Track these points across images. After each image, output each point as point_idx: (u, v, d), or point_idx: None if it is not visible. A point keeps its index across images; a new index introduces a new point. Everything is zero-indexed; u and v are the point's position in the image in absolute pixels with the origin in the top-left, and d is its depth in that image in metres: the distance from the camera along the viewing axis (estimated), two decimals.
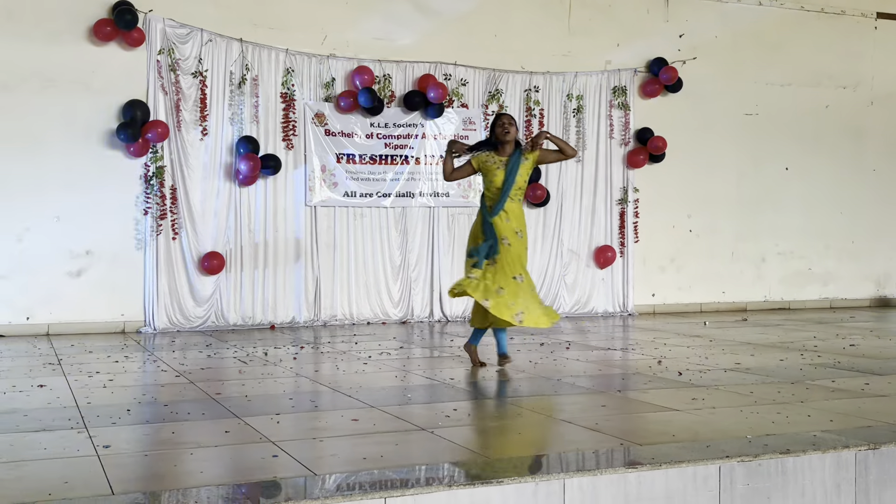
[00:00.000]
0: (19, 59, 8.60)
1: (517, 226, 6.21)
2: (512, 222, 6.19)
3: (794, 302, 11.87)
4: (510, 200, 6.19)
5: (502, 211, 6.16)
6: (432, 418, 4.56)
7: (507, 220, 6.18)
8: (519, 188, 6.26)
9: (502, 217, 6.17)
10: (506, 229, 6.16)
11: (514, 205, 6.22)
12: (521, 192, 6.30)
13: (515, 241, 6.19)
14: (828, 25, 11.97)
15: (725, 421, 4.46)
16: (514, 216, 6.21)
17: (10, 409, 4.86)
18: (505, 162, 6.25)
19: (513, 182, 6.17)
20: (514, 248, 6.19)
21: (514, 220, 6.21)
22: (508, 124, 6.24)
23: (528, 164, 6.27)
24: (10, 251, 8.61)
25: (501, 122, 6.26)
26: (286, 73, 9.48)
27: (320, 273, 9.62)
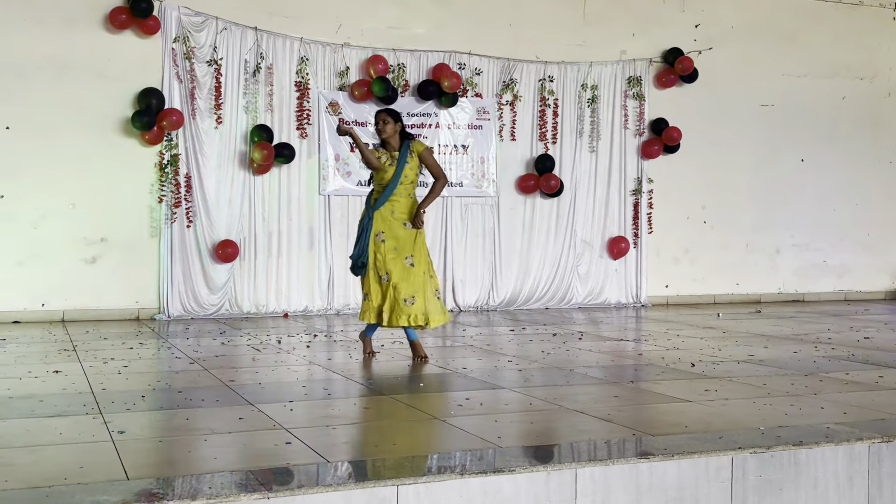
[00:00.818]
0: (35, 46, 8.63)
1: (404, 217, 6.13)
2: (397, 216, 6.13)
3: (808, 294, 11.82)
4: (397, 194, 6.11)
5: (388, 203, 6.11)
6: (445, 407, 4.58)
7: (392, 213, 6.12)
8: (410, 182, 6.18)
9: (387, 208, 6.11)
10: (386, 223, 6.10)
11: (402, 199, 6.14)
12: (412, 186, 6.21)
13: (401, 232, 6.11)
14: (845, 16, 11.88)
15: (738, 412, 4.45)
16: (399, 209, 6.14)
17: (26, 394, 4.90)
18: (395, 157, 6.17)
19: (399, 175, 6.10)
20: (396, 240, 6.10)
21: (400, 211, 6.13)
22: (383, 122, 6.14)
23: (414, 159, 6.16)
24: (25, 238, 8.66)
25: (376, 122, 6.20)
26: (301, 62, 9.49)
27: (333, 262, 9.64)
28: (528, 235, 10.44)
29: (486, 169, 10.25)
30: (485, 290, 10.27)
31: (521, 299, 10.40)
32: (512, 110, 10.33)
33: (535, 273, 10.47)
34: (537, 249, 10.47)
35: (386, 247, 6.09)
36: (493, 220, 10.29)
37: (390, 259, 6.08)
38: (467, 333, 7.95)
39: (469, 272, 10.20)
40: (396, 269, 6.07)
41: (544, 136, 10.45)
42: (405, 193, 6.16)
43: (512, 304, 10.35)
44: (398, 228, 6.11)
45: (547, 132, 10.45)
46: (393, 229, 6.11)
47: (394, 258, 6.08)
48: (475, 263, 10.24)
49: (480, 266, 10.25)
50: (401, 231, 6.12)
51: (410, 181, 6.17)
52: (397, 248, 6.10)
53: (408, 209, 6.16)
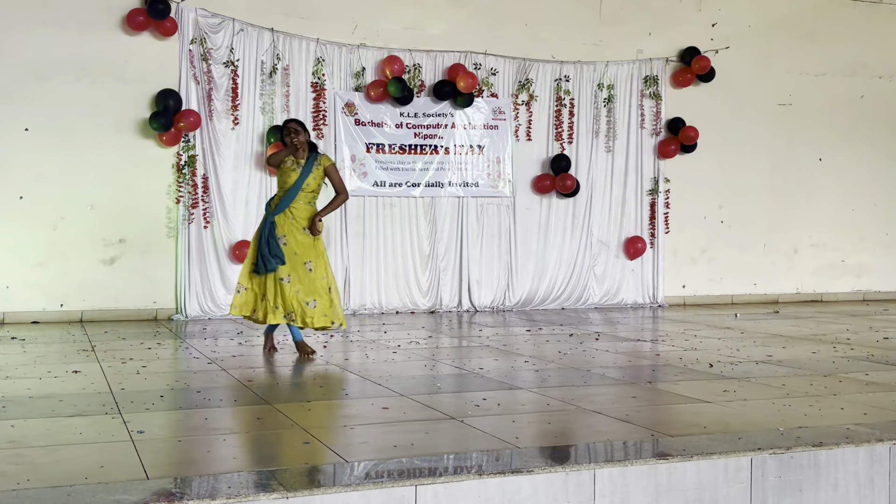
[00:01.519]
0: (54, 48, 8.69)
1: (304, 223, 6.35)
2: (297, 221, 6.33)
3: (826, 294, 11.74)
4: (297, 200, 6.32)
5: (287, 208, 6.31)
6: (462, 407, 4.58)
7: (292, 220, 6.32)
8: (312, 191, 6.39)
9: (287, 215, 6.31)
10: (288, 227, 6.30)
11: (301, 205, 6.35)
12: (313, 196, 6.42)
13: (301, 237, 6.31)
14: (864, 14, 11.80)
15: (757, 413, 4.43)
16: (299, 216, 6.34)
17: (45, 394, 4.94)
18: (301, 164, 6.38)
19: (302, 183, 6.31)
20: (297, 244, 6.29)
21: (300, 217, 6.34)
22: (294, 132, 6.35)
23: (319, 171, 6.39)
24: (45, 239, 8.72)
25: (288, 129, 6.39)
26: (317, 63, 9.51)
27: (350, 262, 9.66)
28: (544, 235, 10.43)
29: (501, 169, 10.24)
30: (501, 290, 10.27)
31: (537, 299, 10.39)
32: (528, 110, 10.32)
33: (552, 273, 10.46)
34: (553, 249, 10.45)
35: (287, 250, 6.28)
36: (508, 221, 10.28)
37: (289, 260, 6.27)
38: (483, 334, 7.94)
39: (485, 272, 10.20)
40: (294, 273, 6.27)
41: (560, 136, 10.43)
42: (305, 201, 6.36)
43: (528, 305, 10.34)
44: (298, 233, 6.32)
45: (563, 132, 10.43)
46: (294, 234, 6.31)
47: (292, 261, 6.27)
48: (491, 264, 10.23)
49: (496, 266, 10.25)
50: (301, 236, 6.32)
51: (312, 190, 6.39)
52: (297, 252, 6.29)
53: (307, 216, 6.36)
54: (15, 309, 8.63)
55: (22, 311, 8.64)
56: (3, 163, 8.60)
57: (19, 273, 8.66)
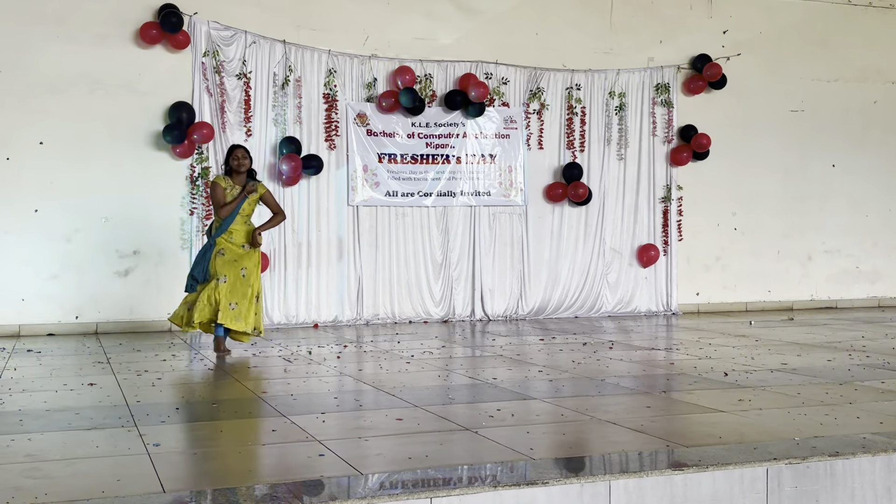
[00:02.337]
0: (68, 62, 8.76)
1: (242, 241, 7.00)
2: (235, 240, 6.98)
3: (841, 301, 11.69)
4: (236, 223, 6.97)
5: (227, 231, 6.95)
6: (476, 418, 4.57)
7: (231, 240, 6.97)
8: (248, 214, 7.06)
9: (226, 237, 6.95)
10: (227, 245, 6.94)
11: (240, 226, 7.00)
12: (248, 217, 7.08)
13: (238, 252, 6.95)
14: (876, 20, 11.76)
15: (772, 422, 4.41)
16: (238, 235, 7.00)
17: (62, 407, 4.97)
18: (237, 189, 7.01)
19: (238, 210, 6.96)
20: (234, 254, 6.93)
21: (238, 238, 7.00)
22: (242, 157, 6.99)
23: (255, 197, 7.05)
24: (60, 252, 8.78)
25: (236, 155, 6.99)
26: (328, 74, 9.55)
27: (363, 272, 9.68)
28: (557, 244, 10.42)
29: (513, 178, 10.25)
30: (514, 299, 10.26)
31: (550, 308, 10.38)
32: (539, 119, 10.33)
33: (564, 282, 10.45)
34: (566, 258, 10.44)
35: (225, 258, 6.91)
36: (521, 229, 10.29)
37: (228, 265, 6.88)
38: (497, 343, 7.94)
39: (497, 281, 10.20)
40: (231, 275, 6.87)
41: (572, 145, 10.43)
42: (241, 222, 7.02)
43: (541, 313, 10.33)
44: (237, 249, 6.98)
45: (574, 140, 10.44)
46: (232, 249, 6.96)
47: (231, 266, 6.89)
48: (504, 272, 10.23)
49: (509, 275, 10.25)
50: (239, 250, 6.98)
51: (248, 214, 7.07)
52: (236, 260, 6.93)
53: (245, 235, 7.03)
54: (31, 321, 8.68)
55: (37, 324, 8.69)
56: (19, 176, 8.67)
57: (35, 285, 8.72)
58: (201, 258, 7.01)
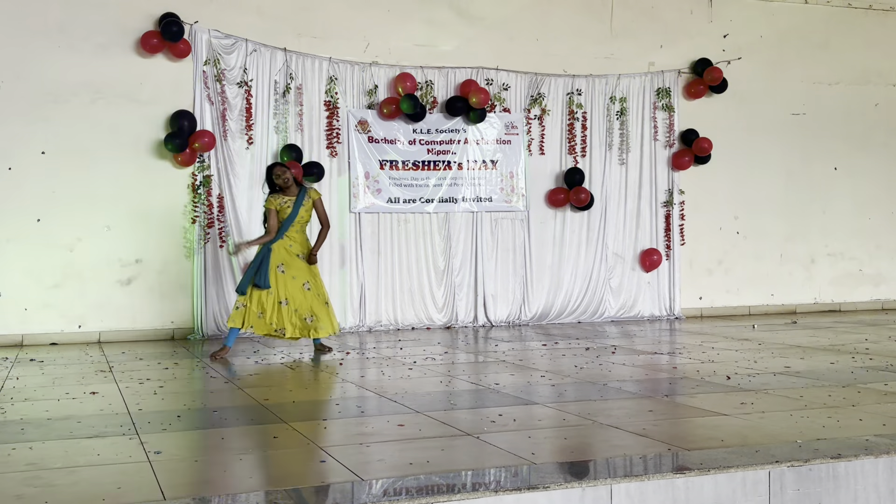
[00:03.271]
0: (69, 72, 8.79)
1: (298, 250, 7.43)
2: (294, 247, 7.41)
3: (844, 304, 11.67)
4: (292, 229, 7.39)
5: (284, 237, 7.36)
6: (478, 423, 4.57)
7: (290, 246, 7.40)
8: (305, 221, 7.50)
9: (284, 241, 7.36)
10: (285, 254, 7.35)
11: (296, 233, 7.44)
12: (305, 225, 7.52)
13: (296, 262, 7.37)
14: (876, 22, 11.77)
15: (775, 425, 4.40)
16: (297, 243, 7.43)
17: (64, 415, 4.97)
18: (293, 200, 7.46)
19: (296, 215, 7.38)
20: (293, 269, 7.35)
21: (297, 246, 7.43)
22: (282, 173, 7.44)
23: (309, 203, 7.49)
24: (62, 261, 8.79)
25: (276, 173, 7.45)
26: (329, 82, 9.57)
27: (365, 279, 9.68)
28: (559, 249, 10.42)
29: (515, 183, 10.25)
30: (516, 304, 10.26)
31: (552, 313, 10.37)
32: (540, 124, 10.33)
33: (567, 287, 10.44)
34: (568, 263, 10.44)
35: (286, 276, 7.32)
36: (523, 235, 10.28)
37: (290, 286, 7.31)
38: (499, 349, 7.93)
39: (500, 287, 10.19)
40: (295, 295, 7.32)
41: (573, 150, 10.43)
42: (299, 230, 7.44)
43: (544, 319, 10.32)
44: (295, 259, 7.38)
45: (576, 145, 10.44)
46: (291, 260, 7.36)
47: (292, 285, 7.33)
48: (506, 278, 10.22)
49: (511, 280, 10.24)
50: (297, 262, 7.39)
51: (305, 221, 7.48)
52: (295, 276, 7.34)
53: (301, 244, 7.45)
54: (33, 331, 8.69)
55: (40, 333, 8.70)
56: (20, 185, 8.69)
57: (37, 295, 8.73)
58: (259, 263, 7.28)
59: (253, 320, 7.31)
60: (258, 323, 7.32)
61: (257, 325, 7.32)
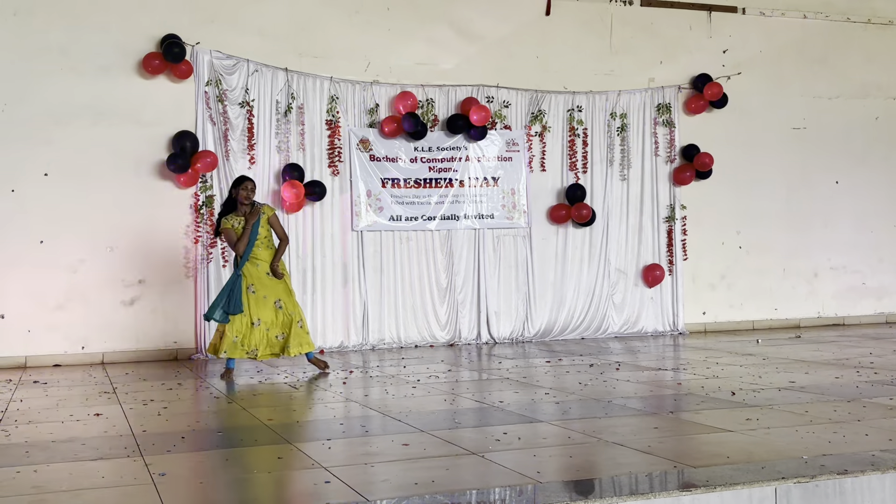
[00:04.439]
0: (71, 94, 8.83)
1: (267, 269, 7.33)
2: (262, 266, 7.32)
3: (848, 317, 11.64)
4: (258, 247, 7.30)
5: (251, 258, 7.27)
6: (482, 442, 4.56)
7: (258, 266, 7.31)
8: (265, 237, 7.36)
9: (253, 263, 7.28)
10: (255, 275, 7.27)
11: (262, 251, 7.33)
12: (267, 241, 7.39)
13: (266, 281, 7.29)
14: (875, 36, 11.80)
15: (780, 441, 4.39)
16: (264, 261, 7.33)
17: (68, 437, 4.96)
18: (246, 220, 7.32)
19: (256, 235, 7.28)
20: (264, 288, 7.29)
21: (265, 265, 7.33)
22: (251, 188, 7.37)
23: (265, 218, 7.36)
24: (66, 282, 8.80)
25: (246, 187, 7.35)
26: (331, 101, 9.60)
27: (368, 297, 9.68)
28: (562, 265, 10.42)
29: (516, 200, 10.27)
30: (519, 321, 10.25)
31: (556, 330, 10.36)
32: (541, 141, 10.36)
33: (570, 303, 10.43)
34: (571, 279, 10.44)
35: (257, 296, 7.27)
36: (525, 251, 10.29)
37: (261, 306, 7.26)
38: (503, 366, 7.92)
39: (503, 303, 10.19)
40: (267, 314, 7.27)
41: (574, 166, 10.45)
42: (264, 247, 7.35)
43: (547, 335, 10.31)
44: (265, 278, 7.30)
45: (577, 161, 10.46)
46: (261, 280, 7.29)
47: (263, 305, 7.27)
48: (509, 295, 10.22)
49: (514, 297, 10.24)
50: (267, 280, 7.31)
51: (265, 236, 7.37)
52: (266, 296, 7.29)
53: (268, 259, 7.34)
54: (37, 352, 8.69)
55: (44, 355, 8.70)
56: (24, 207, 8.71)
57: (40, 316, 8.73)
58: (230, 290, 7.24)
59: (227, 345, 7.24)
60: (232, 347, 7.24)
61: (231, 348, 7.24)
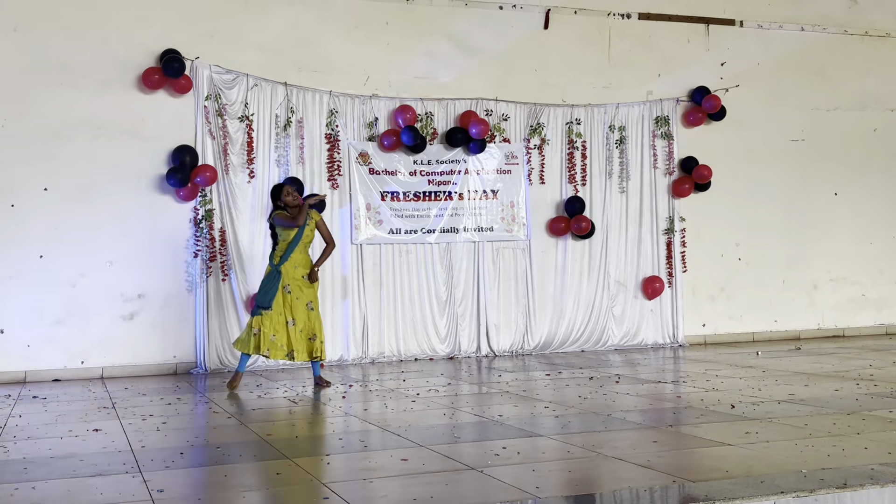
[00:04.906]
0: (72, 108, 8.85)
1: (303, 271, 7.50)
2: (300, 269, 7.49)
3: (848, 329, 11.64)
4: (297, 251, 7.47)
5: (290, 258, 7.43)
6: (482, 457, 4.55)
7: (296, 268, 7.47)
8: (309, 241, 7.59)
9: (290, 262, 7.45)
10: (291, 275, 7.43)
11: (300, 254, 7.51)
12: (308, 245, 7.61)
13: (300, 283, 7.47)
14: (872, 48, 11.84)
15: (780, 455, 4.39)
16: (301, 264, 7.51)
17: (67, 453, 4.95)
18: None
19: (301, 235, 7.48)
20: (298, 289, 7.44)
21: (301, 268, 7.50)
22: (293, 191, 7.55)
23: (312, 223, 7.61)
24: (65, 297, 8.80)
25: (287, 191, 7.53)
26: (330, 115, 9.63)
27: (367, 310, 9.68)
28: (561, 278, 10.42)
29: (516, 213, 10.28)
30: (519, 333, 10.24)
31: (556, 342, 10.35)
32: (540, 154, 10.38)
33: (570, 315, 10.43)
34: (571, 292, 10.43)
35: (292, 296, 7.43)
36: (525, 264, 10.29)
37: (295, 306, 7.42)
38: (503, 379, 7.91)
39: (503, 316, 10.19)
40: (301, 315, 7.43)
41: (573, 179, 10.47)
42: (303, 251, 7.53)
43: (547, 348, 10.30)
44: (300, 281, 7.47)
45: (576, 174, 10.48)
46: (296, 281, 7.45)
47: (297, 305, 7.43)
48: (508, 307, 10.22)
49: (514, 310, 10.23)
50: (301, 282, 7.47)
51: (308, 241, 7.57)
52: (299, 297, 7.44)
53: (305, 264, 7.53)
54: (36, 367, 8.68)
55: (43, 370, 8.69)
56: (23, 222, 8.72)
57: (40, 331, 8.72)
58: (268, 285, 7.38)
59: (268, 344, 7.36)
60: (273, 346, 7.37)
61: (273, 348, 7.37)
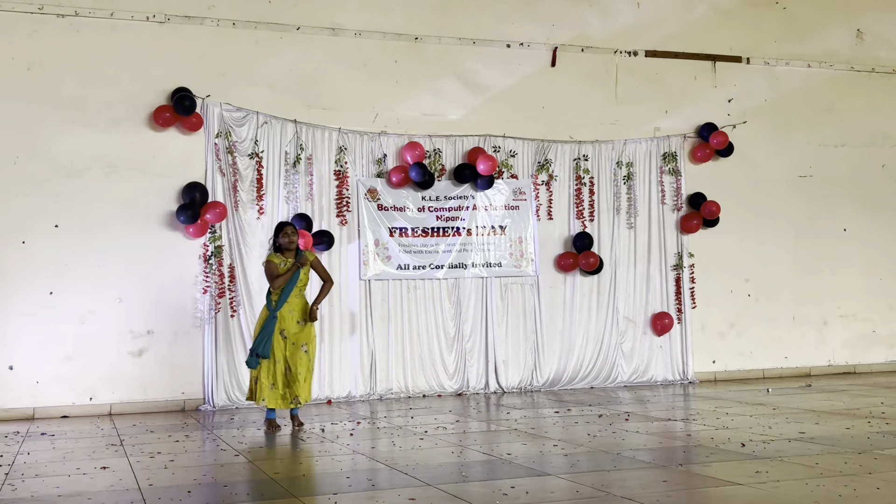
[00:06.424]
0: (83, 146, 8.93)
1: (298, 316, 7.37)
2: (295, 314, 7.35)
3: (859, 365, 11.56)
4: (293, 295, 7.33)
5: (286, 303, 7.30)
6: (490, 497, 4.52)
7: (291, 312, 7.33)
8: (304, 284, 7.44)
9: (286, 307, 7.31)
10: (288, 321, 7.30)
11: (295, 298, 7.37)
12: (304, 287, 7.46)
13: (296, 329, 7.33)
14: (879, 84, 11.88)
15: (790, 495, 4.35)
16: (297, 308, 7.37)
17: (74, 492, 4.94)
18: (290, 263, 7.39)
19: (297, 279, 7.35)
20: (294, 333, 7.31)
21: (297, 312, 7.37)
22: (293, 234, 7.42)
23: (307, 266, 7.46)
24: (74, 333, 8.82)
25: (286, 233, 7.40)
26: (339, 151, 9.69)
27: (375, 346, 9.67)
28: (570, 314, 10.40)
29: (524, 248, 10.29)
30: (528, 370, 10.21)
31: (564, 379, 10.31)
32: (548, 190, 10.41)
33: (579, 352, 10.40)
34: (579, 327, 10.41)
35: (287, 341, 7.31)
36: (533, 300, 10.28)
37: (291, 351, 7.30)
38: (511, 416, 7.88)
39: (511, 352, 10.16)
40: (296, 359, 7.29)
41: (581, 214, 10.49)
42: (298, 294, 7.39)
43: (556, 385, 10.26)
44: (295, 325, 7.33)
45: (584, 210, 10.50)
46: (290, 325, 7.31)
47: (292, 350, 7.30)
48: (517, 343, 10.20)
49: (522, 346, 10.21)
50: (295, 326, 7.33)
51: (304, 284, 7.44)
52: (295, 342, 7.32)
53: (301, 308, 7.39)
54: (45, 404, 8.68)
55: (52, 406, 8.69)
56: (33, 259, 8.76)
57: (49, 367, 8.73)
58: (265, 331, 7.26)
59: (265, 393, 7.27)
60: (270, 395, 7.27)
61: (269, 397, 7.27)
